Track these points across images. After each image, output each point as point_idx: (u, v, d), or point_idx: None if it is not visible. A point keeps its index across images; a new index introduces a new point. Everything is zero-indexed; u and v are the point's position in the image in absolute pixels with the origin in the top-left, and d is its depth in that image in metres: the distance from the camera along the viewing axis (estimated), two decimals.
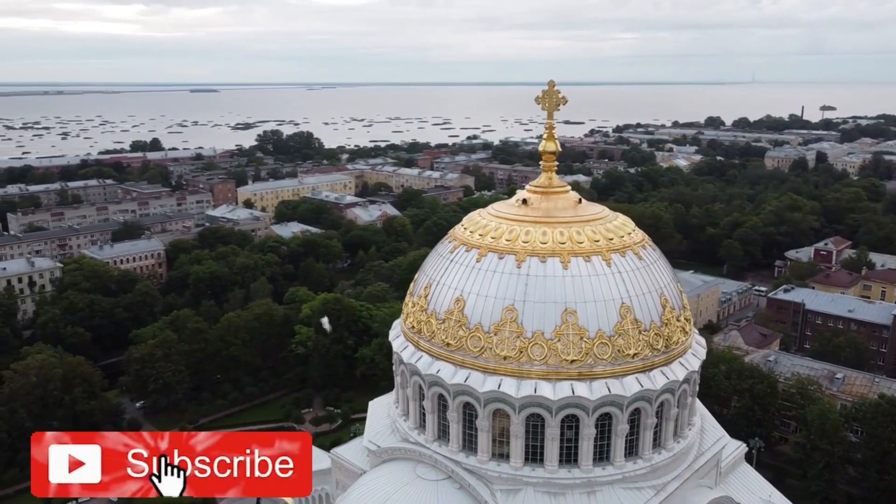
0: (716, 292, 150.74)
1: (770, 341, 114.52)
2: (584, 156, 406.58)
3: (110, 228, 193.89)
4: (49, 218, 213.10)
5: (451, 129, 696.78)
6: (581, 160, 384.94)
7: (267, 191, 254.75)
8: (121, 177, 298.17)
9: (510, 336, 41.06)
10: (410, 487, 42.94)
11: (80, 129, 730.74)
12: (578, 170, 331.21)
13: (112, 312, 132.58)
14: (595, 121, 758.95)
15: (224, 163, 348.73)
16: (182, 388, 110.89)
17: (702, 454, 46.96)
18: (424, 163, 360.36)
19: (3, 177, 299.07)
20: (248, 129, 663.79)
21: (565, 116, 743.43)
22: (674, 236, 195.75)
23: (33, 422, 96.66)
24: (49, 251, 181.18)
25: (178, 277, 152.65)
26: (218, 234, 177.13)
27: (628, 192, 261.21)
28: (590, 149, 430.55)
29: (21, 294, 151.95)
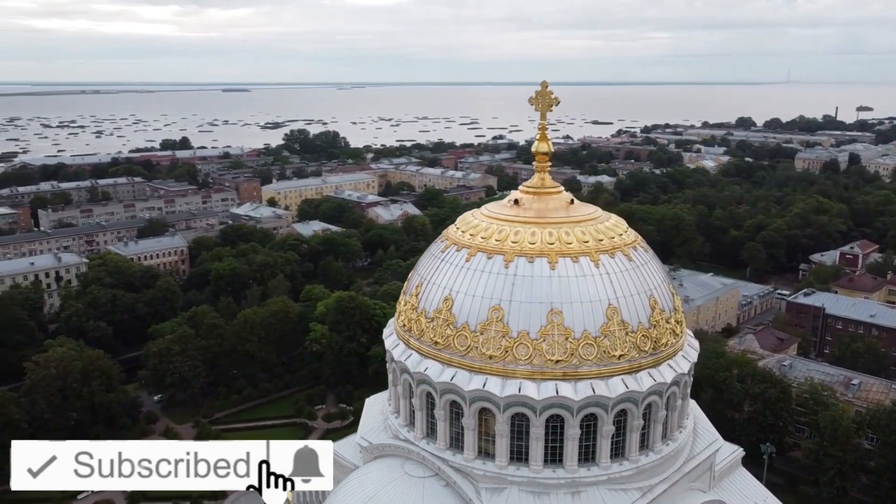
0: (735, 295, 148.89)
1: (787, 346, 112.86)
2: (609, 156, 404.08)
3: (136, 225, 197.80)
4: (78, 214, 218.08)
5: (477, 129, 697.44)
6: (607, 161, 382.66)
7: (290, 189, 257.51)
8: (150, 175, 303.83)
9: (496, 336, 41.25)
10: (397, 484, 43.38)
11: (114, 127, 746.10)
12: (603, 170, 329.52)
13: (133, 307, 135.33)
14: (624, 121, 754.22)
15: (251, 161, 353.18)
16: (198, 382, 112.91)
17: (693, 457, 46.57)
18: (449, 163, 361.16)
19: (38, 174, 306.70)
20: (277, 128, 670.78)
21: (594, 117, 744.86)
22: (696, 238, 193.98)
23: (53, 412, 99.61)
24: (77, 247, 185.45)
25: (200, 274, 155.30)
26: (240, 232, 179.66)
27: (652, 193, 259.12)
28: (616, 149, 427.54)
29: (48, 288, 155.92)
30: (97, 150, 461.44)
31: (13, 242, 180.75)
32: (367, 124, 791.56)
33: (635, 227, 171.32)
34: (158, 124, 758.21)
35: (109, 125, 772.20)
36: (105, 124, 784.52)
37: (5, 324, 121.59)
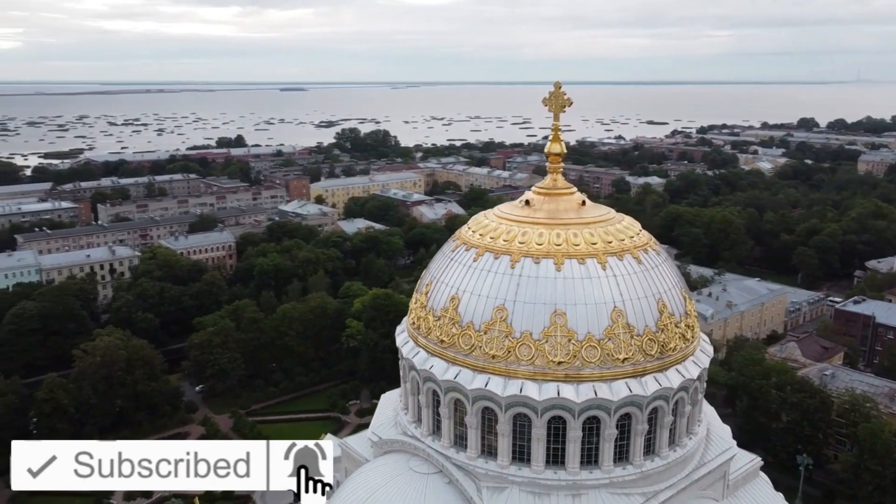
0: (782, 301, 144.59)
1: (832, 355, 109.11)
2: (662, 157, 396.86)
3: (188, 220, 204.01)
4: (134, 209, 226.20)
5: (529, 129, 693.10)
6: (658, 162, 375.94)
7: (338, 187, 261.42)
8: (205, 171, 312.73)
9: (499, 335, 41.42)
10: (401, 479, 43.98)
11: (175, 125, 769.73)
12: (654, 171, 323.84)
13: (180, 300, 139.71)
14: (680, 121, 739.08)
15: (302, 159, 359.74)
16: (237, 374, 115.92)
17: (704, 464, 45.80)
18: (497, 162, 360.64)
19: (100, 170, 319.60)
20: (331, 126, 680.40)
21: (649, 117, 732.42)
22: (745, 242, 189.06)
23: (98, 399, 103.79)
24: (131, 241, 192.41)
25: (245, 269, 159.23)
26: (285, 229, 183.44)
27: (703, 195, 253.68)
28: (669, 150, 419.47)
29: (102, 280, 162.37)
30: (158, 147, 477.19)
31: (72, 235, 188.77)
32: (418, 123, 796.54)
33: (682, 230, 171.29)
34: (217, 122, 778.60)
35: (171, 123, 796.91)
36: (167, 122, 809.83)
37: (59, 313, 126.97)
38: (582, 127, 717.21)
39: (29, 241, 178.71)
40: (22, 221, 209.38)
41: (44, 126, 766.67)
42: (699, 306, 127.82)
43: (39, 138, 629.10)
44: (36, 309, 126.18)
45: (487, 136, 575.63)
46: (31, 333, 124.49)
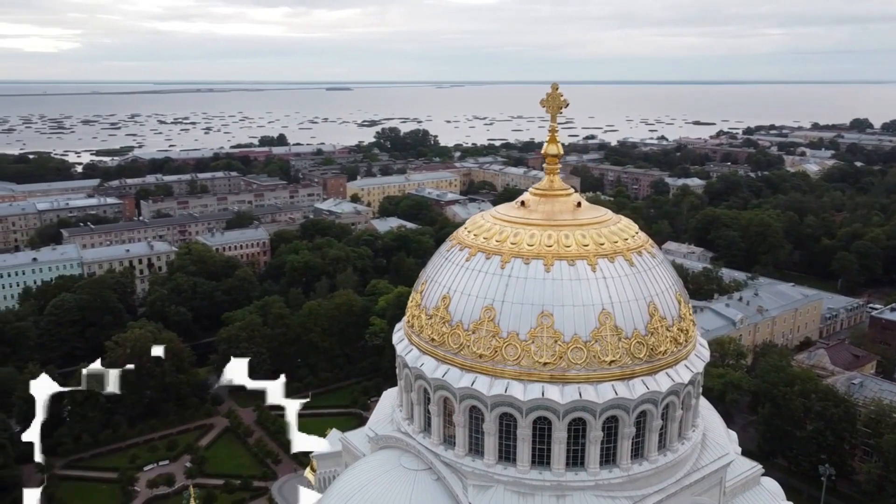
0: (817, 307, 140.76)
1: (863, 363, 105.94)
2: (705, 158, 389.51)
3: (225, 217, 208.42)
4: (175, 206, 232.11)
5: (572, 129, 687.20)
6: (701, 163, 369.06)
7: (374, 186, 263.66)
8: (246, 169, 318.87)
9: (486, 335, 41.66)
10: (390, 475, 44.58)
11: (222, 124, 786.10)
12: (695, 172, 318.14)
13: (212, 295, 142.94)
14: (728, 121, 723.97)
15: (341, 158, 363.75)
16: (263, 368, 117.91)
17: (697, 470, 45.29)
18: (535, 162, 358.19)
19: (146, 167, 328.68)
20: (374, 125, 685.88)
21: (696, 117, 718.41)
22: (783, 246, 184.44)
23: (129, 389, 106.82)
24: (171, 236, 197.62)
25: (277, 265, 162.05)
26: (319, 226, 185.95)
27: (743, 197, 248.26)
28: (712, 151, 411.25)
29: (141, 274, 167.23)
30: (204, 145, 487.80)
31: (114, 231, 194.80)
32: (461, 123, 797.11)
33: (718, 233, 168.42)
34: (263, 121, 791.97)
35: (218, 122, 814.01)
36: (214, 121, 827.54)
37: (97, 305, 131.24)
38: (625, 127, 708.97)
39: (73, 236, 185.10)
40: (69, 216, 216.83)
41: (97, 124, 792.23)
42: (728, 310, 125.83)
43: (93, 136, 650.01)
44: (75, 301, 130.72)
45: (529, 135, 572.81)
46: (70, 324, 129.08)
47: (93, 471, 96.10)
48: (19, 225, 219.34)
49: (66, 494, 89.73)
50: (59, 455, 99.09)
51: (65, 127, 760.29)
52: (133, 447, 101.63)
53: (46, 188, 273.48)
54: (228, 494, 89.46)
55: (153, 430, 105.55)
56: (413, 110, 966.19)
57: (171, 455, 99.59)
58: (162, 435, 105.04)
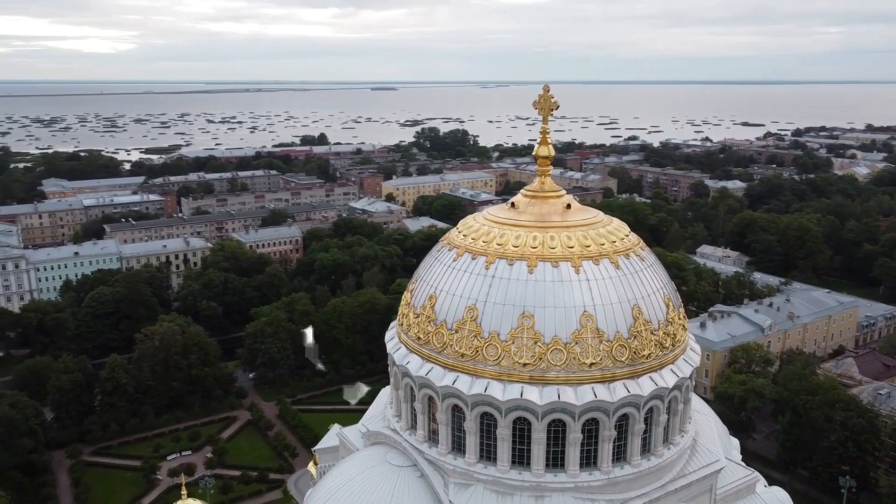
0: (853, 315, 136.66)
1: (894, 373, 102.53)
2: (750, 160, 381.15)
3: (261, 215, 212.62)
4: (214, 203, 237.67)
5: (615, 130, 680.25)
6: (745, 165, 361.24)
7: (409, 185, 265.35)
8: (286, 168, 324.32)
9: (469, 335, 42.02)
10: (375, 471, 45.33)
11: (268, 123, 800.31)
12: (737, 175, 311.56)
13: (243, 291, 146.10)
14: (778, 122, 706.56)
15: (380, 157, 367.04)
16: (286, 363, 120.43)
17: (684, 475, 44.85)
18: (574, 163, 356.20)
19: (190, 166, 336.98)
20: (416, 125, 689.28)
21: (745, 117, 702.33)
22: (822, 251, 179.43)
23: (156, 380, 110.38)
24: (208, 233, 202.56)
25: (307, 263, 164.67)
26: (350, 225, 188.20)
27: (785, 200, 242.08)
28: (758, 153, 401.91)
29: (177, 269, 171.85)
30: (249, 144, 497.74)
31: (154, 226, 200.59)
32: (503, 123, 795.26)
33: (755, 237, 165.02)
34: (307, 121, 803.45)
35: (264, 121, 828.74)
36: (260, 120, 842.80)
37: (131, 299, 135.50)
38: (670, 128, 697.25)
39: (115, 231, 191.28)
40: (113, 212, 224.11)
41: (149, 123, 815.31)
42: (757, 316, 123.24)
43: (143, 134, 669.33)
44: (111, 294, 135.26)
45: (571, 136, 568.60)
46: (106, 317, 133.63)
47: (118, 458, 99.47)
48: (66, 220, 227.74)
49: (92, 480, 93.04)
50: (88, 442, 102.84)
51: (118, 126, 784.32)
52: (158, 437, 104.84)
53: (95, 185, 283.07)
54: (245, 486, 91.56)
55: (178, 420, 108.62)
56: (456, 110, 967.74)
57: (194, 445, 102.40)
58: (187, 426, 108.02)
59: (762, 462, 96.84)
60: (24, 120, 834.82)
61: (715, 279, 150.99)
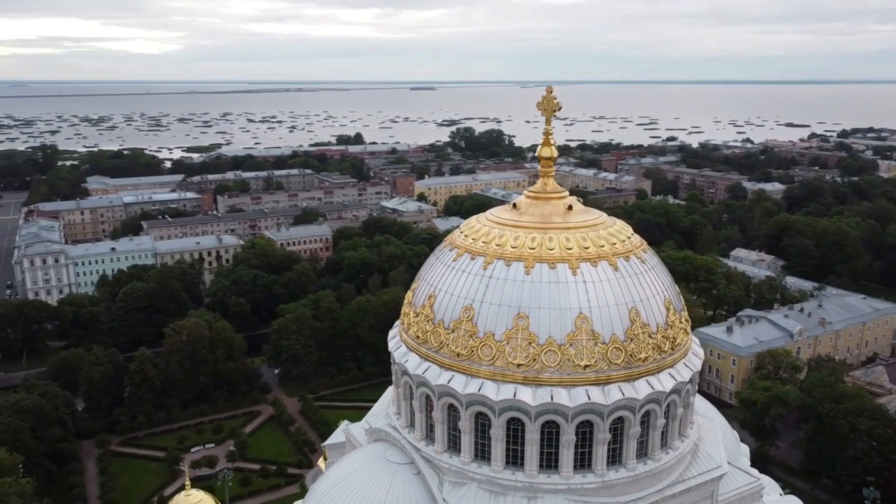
0: (889, 322, 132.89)
1: None
2: (791, 162, 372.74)
3: (293, 213, 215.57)
4: (249, 201, 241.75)
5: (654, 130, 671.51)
6: (786, 167, 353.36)
7: (441, 185, 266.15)
8: (322, 167, 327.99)
9: (464, 335, 42.22)
10: (373, 467, 45.85)
11: (307, 122, 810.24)
12: (777, 177, 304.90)
13: (271, 287, 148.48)
14: (824, 123, 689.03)
15: (414, 157, 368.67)
16: (310, 360, 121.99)
17: (683, 481, 44.33)
18: (609, 164, 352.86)
19: (228, 164, 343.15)
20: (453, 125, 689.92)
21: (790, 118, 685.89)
22: (860, 256, 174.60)
23: (183, 374, 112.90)
24: (241, 230, 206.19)
25: (335, 261, 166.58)
26: (380, 224, 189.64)
27: (825, 203, 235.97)
28: (800, 155, 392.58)
29: (210, 266, 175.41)
30: (287, 143, 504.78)
31: (189, 223, 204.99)
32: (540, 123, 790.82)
33: (791, 240, 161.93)
34: (346, 120, 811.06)
35: (303, 121, 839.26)
36: (300, 120, 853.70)
37: (163, 294, 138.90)
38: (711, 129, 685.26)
39: (151, 228, 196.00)
40: (152, 209, 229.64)
41: (192, 122, 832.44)
42: (786, 322, 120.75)
43: (186, 133, 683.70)
44: (143, 289, 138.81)
45: (609, 136, 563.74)
46: (138, 311, 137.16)
47: (144, 449, 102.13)
48: (107, 216, 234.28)
49: (118, 469, 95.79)
50: (117, 433, 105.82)
51: (162, 124, 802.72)
52: (183, 429, 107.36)
53: (136, 182, 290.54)
54: (264, 479, 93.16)
55: (203, 414, 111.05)
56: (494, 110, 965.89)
57: (217, 438, 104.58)
58: (211, 419, 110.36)
59: (786, 470, 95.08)
60: (73, 119, 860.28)
61: (746, 283, 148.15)
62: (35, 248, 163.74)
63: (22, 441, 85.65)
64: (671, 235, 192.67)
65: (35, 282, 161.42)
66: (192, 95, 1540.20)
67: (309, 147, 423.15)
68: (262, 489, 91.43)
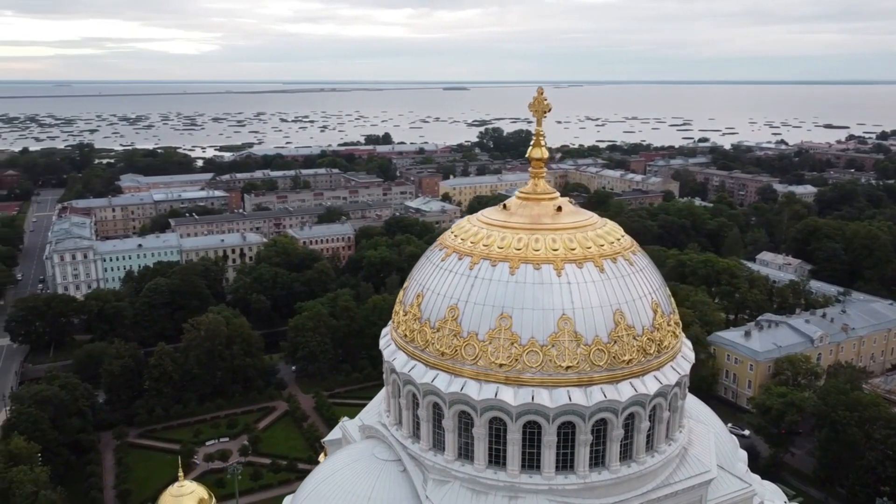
0: None
1: None
2: (826, 165, 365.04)
3: (317, 212, 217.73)
4: (275, 200, 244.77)
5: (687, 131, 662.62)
6: (821, 169, 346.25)
7: (466, 185, 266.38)
8: (349, 167, 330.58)
9: (449, 334, 42.57)
10: (360, 464, 46.45)
11: (338, 122, 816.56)
12: (809, 180, 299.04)
13: (291, 285, 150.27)
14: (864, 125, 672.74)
15: (442, 157, 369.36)
16: (325, 357, 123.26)
17: (668, 485, 44.12)
18: (638, 165, 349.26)
19: (258, 163, 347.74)
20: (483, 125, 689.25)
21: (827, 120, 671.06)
22: (891, 261, 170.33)
23: (201, 369, 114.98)
24: (266, 228, 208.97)
25: (356, 260, 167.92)
26: (402, 224, 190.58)
27: (859, 207, 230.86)
28: (836, 157, 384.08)
29: (234, 263, 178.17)
30: (318, 142, 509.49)
31: (215, 221, 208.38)
32: (571, 123, 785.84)
33: (819, 244, 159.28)
34: (377, 120, 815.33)
35: (335, 120, 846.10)
36: (331, 119, 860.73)
37: (185, 290, 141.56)
38: (746, 130, 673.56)
39: (179, 225, 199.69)
40: (180, 207, 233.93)
41: (226, 122, 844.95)
42: (807, 327, 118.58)
43: (220, 132, 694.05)
44: (167, 285, 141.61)
45: (640, 137, 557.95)
46: (161, 307, 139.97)
47: (161, 441, 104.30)
48: (137, 213, 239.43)
49: (134, 460, 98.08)
50: (135, 425, 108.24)
51: (196, 124, 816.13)
52: (200, 423, 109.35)
53: (168, 180, 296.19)
54: (274, 474, 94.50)
55: (219, 408, 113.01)
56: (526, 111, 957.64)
57: (231, 433, 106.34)
58: (227, 414, 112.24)
59: (801, 478, 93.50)
60: (112, 118, 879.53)
61: (769, 287, 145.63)
62: (65, 244, 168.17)
63: (41, 431, 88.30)
64: (696, 238, 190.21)
65: (65, 276, 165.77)
66: (228, 95, 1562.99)
67: (338, 147, 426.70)
68: (272, 483, 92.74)
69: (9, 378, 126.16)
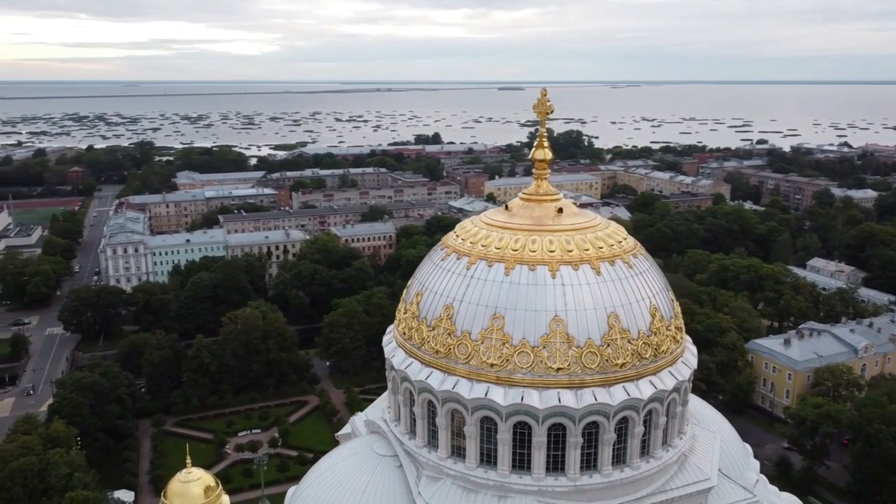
0: None
1: None
2: (892, 168, 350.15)
3: (361, 210, 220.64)
4: (321, 198, 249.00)
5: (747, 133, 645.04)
6: (885, 173, 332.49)
7: (511, 186, 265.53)
8: (398, 166, 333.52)
9: (443, 333, 43.02)
10: (359, 458, 47.34)
11: (391, 122, 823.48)
12: (871, 184, 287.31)
13: (330, 282, 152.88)
14: None
15: (490, 157, 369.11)
16: (358, 354, 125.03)
17: (663, 492, 43.57)
18: (691, 167, 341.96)
19: (309, 162, 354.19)
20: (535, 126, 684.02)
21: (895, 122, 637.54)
22: None
23: (237, 362, 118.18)
24: (312, 226, 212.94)
25: (395, 258, 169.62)
26: (442, 223, 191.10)
27: None
28: None
29: (277, 259, 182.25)
30: (370, 142, 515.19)
31: (262, 218, 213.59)
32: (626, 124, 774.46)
33: (875, 251, 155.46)
34: (429, 120, 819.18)
35: (388, 120, 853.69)
36: (385, 119, 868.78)
37: (228, 284, 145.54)
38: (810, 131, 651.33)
39: (227, 222, 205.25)
40: (231, 204, 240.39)
41: (282, 121, 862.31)
42: (852, 336, 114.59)
43: (275, 132, 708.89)
44: (210, 279, 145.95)
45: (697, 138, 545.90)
46: (205, 300, 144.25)
47: (196, 430, 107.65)
48: (190, 210, 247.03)
49: (169, 448, 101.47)
50: (173, 414, 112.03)
51: (254, 123, 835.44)
52: (234, 414, 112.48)
53: (221, 178, 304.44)
54: (300, 466, 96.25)
55: (253, 401, 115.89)
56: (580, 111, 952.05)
57: (263, 425, 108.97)
58: (260, 406, 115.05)
59: (834, 492, 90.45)
60: (174, 117, 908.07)
61: (815, 294, 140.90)
62: (118, 238, 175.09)
63: (81, 416, 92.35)
64: (743, 242, 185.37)
65: (117, 269, 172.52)
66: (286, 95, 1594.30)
67: (388, 146, 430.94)
68: (298, 475, 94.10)
69: (60, 364, 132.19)
